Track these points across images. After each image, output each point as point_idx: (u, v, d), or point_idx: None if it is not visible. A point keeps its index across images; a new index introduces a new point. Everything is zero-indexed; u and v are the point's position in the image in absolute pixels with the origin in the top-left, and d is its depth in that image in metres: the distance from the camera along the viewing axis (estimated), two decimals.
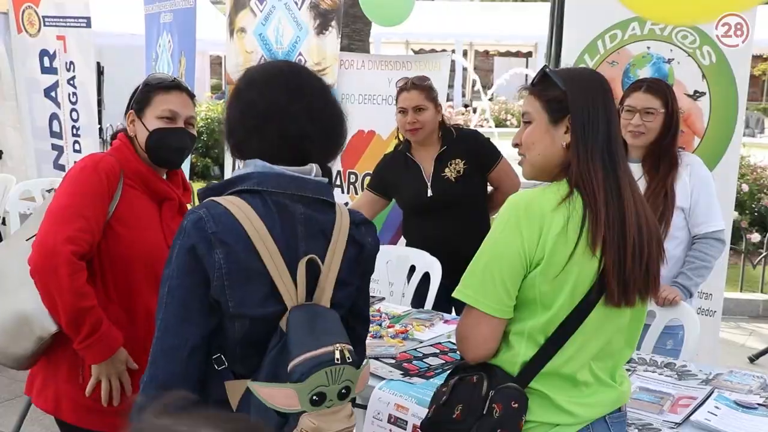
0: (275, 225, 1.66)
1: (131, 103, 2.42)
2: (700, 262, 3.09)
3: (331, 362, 1.58)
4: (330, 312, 1.70)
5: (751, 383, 2.49)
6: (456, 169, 3.49)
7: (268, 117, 1.69)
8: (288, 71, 1.77)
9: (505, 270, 1.72)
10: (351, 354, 1.62)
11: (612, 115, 1.80)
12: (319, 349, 1.59)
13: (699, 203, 3.10)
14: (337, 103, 1.81)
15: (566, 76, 1.81)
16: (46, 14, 6.05)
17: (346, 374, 1.61)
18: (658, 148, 3.09)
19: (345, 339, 1.65)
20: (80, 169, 2.30)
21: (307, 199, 1.70)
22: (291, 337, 1.61)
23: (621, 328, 1.83)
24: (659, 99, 3.06)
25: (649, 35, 3.95)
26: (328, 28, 4.85)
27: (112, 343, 2.25)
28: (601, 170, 1.73)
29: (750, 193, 7.63)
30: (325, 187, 1.76)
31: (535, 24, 14.54)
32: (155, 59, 5.71)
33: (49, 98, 6.19)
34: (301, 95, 1.71)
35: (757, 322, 6.21)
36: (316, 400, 1.58)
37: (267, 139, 1.70)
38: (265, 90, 1.72)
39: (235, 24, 5.27)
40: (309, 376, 1.56)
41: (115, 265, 2.31)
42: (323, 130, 1.74)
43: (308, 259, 1.67)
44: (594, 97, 1.78)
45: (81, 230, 2.18)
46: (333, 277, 1.72)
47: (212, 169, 11.34)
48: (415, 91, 3.49)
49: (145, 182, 2.38)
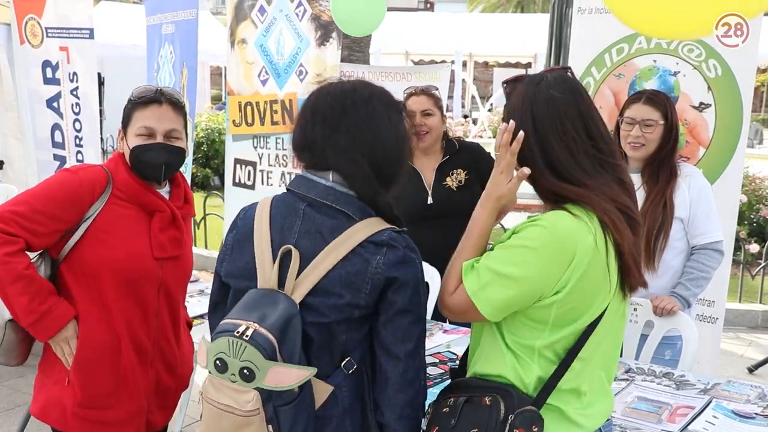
0: (280, 216, 1.82)
1: (122, 121, 2.46)
2: (698, 273, 3.10)
3: (231, 333, 1.66)
4: (285, 303, 1.72)
5: (749, 393, 2.50)
6: (457, 179, 3.52)
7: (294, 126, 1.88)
8: (331, 84, 1.90)
9: (517, 294, 1.70)
10: (258, 336, 1.64)
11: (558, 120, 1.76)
12: (235, 320, 1.69)
13: (698, 214, 3.11)
14: (372, 115, 1.81)
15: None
16: (48, 25, 6.08)
17: (247, 353, 1.64)
18: (657, 158, 3.11)
19: (268, 324, 1.67)
20: (60, 171, 2.42)
21: (312, 200, 1.80)
22: (235, 307, 1.75)
23: (618, 330, 1.85)
24: (659, 111, 3.08)
25: (656, 49, 4.00)
26: (328, 40, 4.88)
27: (58, 320, 2.29)
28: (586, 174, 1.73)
29: (749, 203, 7.64)
30: (337, 194, 1.79)
31: (534, 35, 14.58)
32: (157, 70, 5.74)
33: (51, 109, 6.21)
34: (305, 104, 1.85)
35: (756, 332, 6.22)
36: (218, 366, 1.69)
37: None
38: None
39: (236, 35, 5.30)
40: (216, 339, 1.70)
41: (97, 273, 2.34)
42: (336, 142, 1.79)
43: (286, 249, 1.76)
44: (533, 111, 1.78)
45: (18, 213, 2.24)
46: (316, 277, 1.74)
47: (212, 180, 11.35)
48: (424, 96, 3.57)
49: (134, 194, 2.40)
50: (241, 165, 5.44)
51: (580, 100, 1.78)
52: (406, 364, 1.77)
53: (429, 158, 3.61)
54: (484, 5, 34.46)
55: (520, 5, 32.84)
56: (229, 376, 1.69)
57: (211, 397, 1.73)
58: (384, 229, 1.78)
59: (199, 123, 11.58)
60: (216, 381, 1.72)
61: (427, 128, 3.52)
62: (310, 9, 4.90)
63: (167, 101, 2.41)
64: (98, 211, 2.33)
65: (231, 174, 5.49)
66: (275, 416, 1.70)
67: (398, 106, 1.89)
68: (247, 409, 1.67)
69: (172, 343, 2.54)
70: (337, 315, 1.75)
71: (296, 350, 1.71)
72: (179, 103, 2.46)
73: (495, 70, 27.80)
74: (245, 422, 1.69)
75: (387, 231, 1.78)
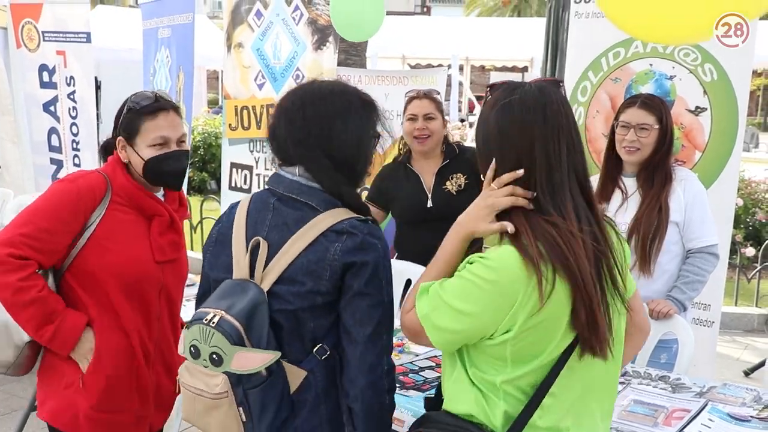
0: (255, 211, 1.93)
1: (118, 127, 2.42)
2: (694, 276, 3.11)
3: (201, 321, 1.76)
4: (254, 291, 1.82)
5: (745, 396, 2.51)
6: (457, 183, 3.53)
7: (270, 126, 1.96)
8: (308, 83, 1.98)
9: (464, 328, 1.63)
10: (224, 322, 1.74)
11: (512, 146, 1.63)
12: (206, 308, 1.80)
13: (693, 218, 3.12)
14: (328, 109, 1.89)
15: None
16: (45, 29, 6.08)
17: (215, 340, 1.74)
18: (652, 162, 3.12)
19: (234, 312, 1.76)
20: (59, 182, 2.40)
21: (281, 194, 1.90)
22: (210, 296, 1.86)
23: (600, 374, 1.69)
24: (653, 115, 3.10)
25: (652, 53, 4.02)
26: (325, 44, 4.89)
27: (72, 332, 2.31)
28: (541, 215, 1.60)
29: (744, 207, 7.66)
30: (302, 187, 1.88)
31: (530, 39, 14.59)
32: (153, 74, 5.75)
33: (48, 113, 6.21)
34: (287, 103, 1.92)
35: (752, 335, 6.23)
36: (192, 352, 1.80)
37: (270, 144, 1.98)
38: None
39: (232, 39, 5.31)
40: (190, 327, 1.80)
41: (102, 278, 2.34)
42: (294, 135, 1.88)
43: (255, 241, 1.87)
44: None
45: (25, 235, 2.25)
46: (282, 266, 1.83)
47: (209, 184, 11.35)
48: (426, 99, 3.58)
49: (133, 199, 2.40)
50: (238, 169, 5.45)
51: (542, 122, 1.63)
52: (365, 347, 1.81)
53: (429, 162, 3.62)
54: (480, 9, 34.53)
55: (516, 9, 32.91)
56: (202, 362, 1.79)
57: (186, 381, 1.85)
58: (346, 218, 1.85)
59: (195, 127, 11.58)
60: (190, 366, 1.84)
61: (429, 132, 3.53)
62: (307, 13, 4.91)
63: (171, 107, 2.44)
64: (99, 217, 2.34)
65: (227, 178, 5.49)
66: (245, 399, 1.79)
67: (367, 106, 1.95)
68: (216, 392, 1.78)
69: (172, 346, 2.55)
70: (301, 302, 1.83)
71: (263, 335, 1.79)
72: (178, 107, 2.49)
73: (492, 74, 27.81)
74: (215, 405, 1.79)
75: (349, 220, 1.85)
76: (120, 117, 2.42)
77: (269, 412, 1.82)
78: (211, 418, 1.82)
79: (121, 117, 2.41)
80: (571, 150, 1.62)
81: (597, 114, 4.20)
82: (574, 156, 1.62)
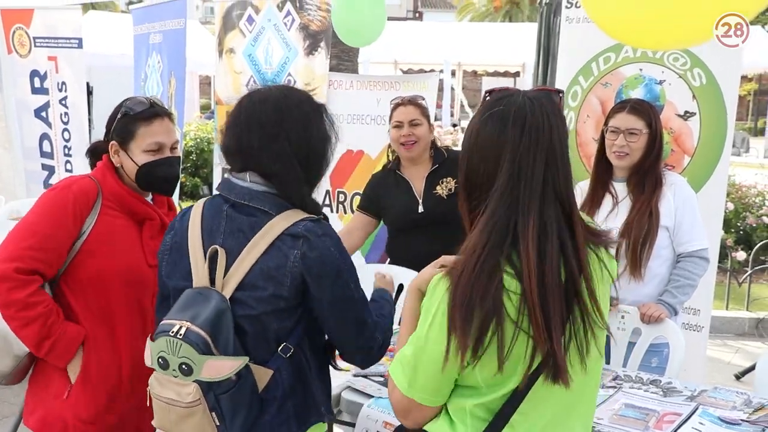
0: (209, 219, 1.97)
1: (111, 132, 2.42)
2: (684, 281, 3.12)
3: (167, 333, 1.81)
4: (216, 299, 1.86)
5: (735, 399, 2.52)
6: (447, 187, 3.53)
7: (225, 132, 2.00)
8: (260, 91, 2.02)
9: (431, 368, 1.56)
10: (191, 333, 1.79)
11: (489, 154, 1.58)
12: (171, 320, 1.84)
13: (683, 222, 3.14)
14: (305, 121, 1.96)
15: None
16: (37, 35, 6.07)
17: (183, 350, 1.79)
18: (642, 167, 3.13)
19: (199, 322, 1.80)
20: (51, 190, 2.37)
21: (234, 201, 1.94)
22: (173, 307, 1.89)
23: (580, 395, 1.64)
24: (643, 120, 3.11)
25: (642, 58, 4.04)
26: (317, 49, 4.90)
27: (70, 345, 2.30)
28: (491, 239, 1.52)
29: (735, 211, 7.70)
30: (254, 193, 1.93)
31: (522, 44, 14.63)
32: (144, 79, 5.74)
33: (40, 118, 6.20)
34: (237, 112, 1.98)
35: (743, 339, 6.25)
36: (161, 363, 1.85)
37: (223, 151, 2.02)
38: (232, 109, 2.03)
39: (224, 44, 5.31)
40: (157, 339, 1.84)
41: (95, 285, 2.34)
42: (271, 145, 1.92)
43: (213, 250, 1.91)
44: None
45: (30, 248, 2.24)
46: (241, 273, 1.88)
47: (201, 189, 11.32)
48: (411, 106, 3.56)
49: (124, 203, 2.40)
50: None
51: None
52: (355, 340, 1.98)
53: (418, 168, 3.62)
54: (472, 14, 34.61)
55: (508, 15, 32.99)
56: (171, 372, 1.84)
57: (157, 392, 1.89)
58: (300, 220, 1.90)
59: (188, 132, 11.56)
60: (160, 377, 1.88)
61: (415, 138, 3.53)
62: (299, 18, 4.91)
63: (166, 114, 2.45)
64: (92, 223, 2.33)
65: None
66: (217, 404, 1.84)
67: (321, 109, 2.03)
68: (188, 401, 1.82)
69: None
70: (264, 306, 1.88)
71: (230, 342, 1.84)
72: (172, 113, 2.51)
73: (484, 79, 27.92)
74: (189, 413, 1.83)
75: (303, 222, 1.90)
76: (114, 121, 2.42)
77: (241, 414, 1.88)
78: (186, 425, 1.86)
79: (114, 121, 2.41)
80: (551, 165, 1.54)
81: (588, 119, 4.21)
82: (554, 172, 1.55)
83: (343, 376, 2.60)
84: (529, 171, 1.53)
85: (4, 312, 2.25)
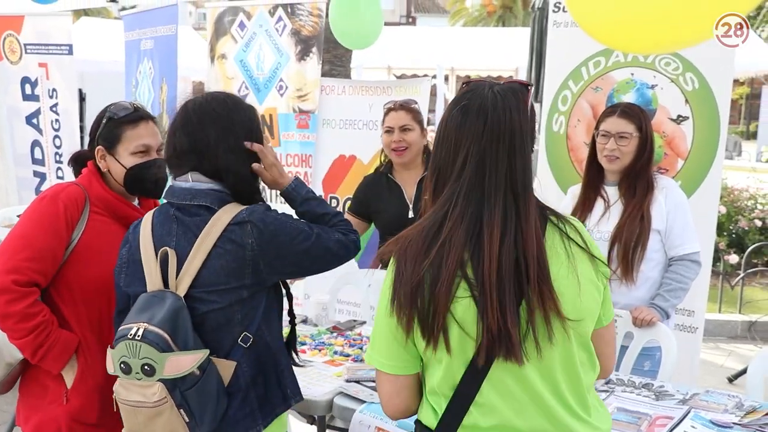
0: (159, 225, 2.03)
1: (96, 137, 2.43)
2: (676, 284, 3.13)
3: (126, 337, 1.86)
4: (171, 299, 1.91)
5: (727, 403, 2.52)
6: None
7: (168, 138, 2.08)
8: (202, 94, 2.12)
9: (383, 326, 1.66)
10: (149, 333, 1.84)
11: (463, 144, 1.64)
12: (128, 324, 1.89)
13: (675, 226, 3.14)
14: (248, 114, 2.09)
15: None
16: (27, 42, 6.06)
17: (144, 351, 1.84)
18: (633, 171, 3.14)
19: (156, 321, 1.86)
20: (40, 200, 2.36)
21: (178, 204, 2.01)
22: (129, 313, 1.95)
23: (552, 363, 1.61)
24: (633, 123, 3.12)
25: (633, 62, 4.04)
26: (309, 54, 4.90)
27: (64, 352, 2.30)
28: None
29: (728, 214, 7.72)
30: (195, 192, 2.00)
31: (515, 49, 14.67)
32: (135, 85, 5.73)
33: (31, 125, 6.18)
34: (185, 114, 2.05)
35: (735, 342, 6.26)
36: (123, 368, 1.89)
37: (167, 156, 2.10)
38: (173, 116, 2.10)
39: (216, 50, 5.31)
40: (117, 345, 1.89)
41: (85, 292, 2.34)
42: (192, 139, 2.01)
43: (163, 252, 1.97)
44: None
45: (27, 259, 2.24)
46: (194, 270, 1.93)
47: None
48: (402, 111, 3.54)
49: (112, 208, 2.40)
50: None
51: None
52: (332, 257, 2.11)
53: (410, 173, 3.61)
54: (465, 19, 34.67)
55: (501, 19, 33.05)
56: (135, 375, 1.88)
57: (123, 397, 1.92)
58: (243, 209, 1.98)
59: None
60: (125, 382, 1.92)
61: (406, 144, 3.51)
62: (290, 24, 4.92)
63: (149, 117, 2.47)
64: (81, 230, 2.33)
65: None
66: (184, 400, 1.88)
67: (254, 108, 2.17)
68: (154, 400, 1.86)
69: None
70: (228, 298, 1.95)
71: (189, 337, 1.89)
72: (154, 117, 2.54)
73: None
74: (156, 412, 1.87)
75: (244, 210, 1.98)
76: (99, 127, 2.43)
77: (209, 408, 1.92)
78: (156, 425, 1.89)
79: (100, 127, 2.42)
80: (511, 157, 1.60)
81: (578, 123, 4.21)
82: (514, 162, 1.60)
83: (336, 382, 2.60)
84: (492, 164, 1.60)
85: (3, 323, 2.25)
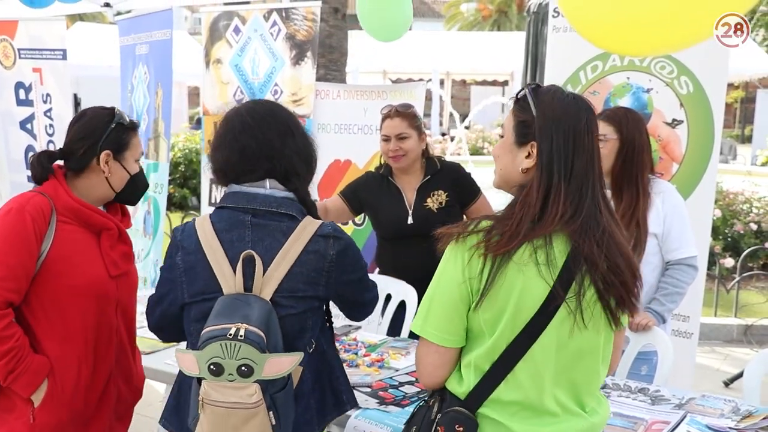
0: (225, 232, 2.00)
1: (101, 141, 2.38)
2: (672, 288, 3.12)
3: (223, 336, 1.80)
4: (259, 302, 1.90)
5: (723, 407, 2.52)
6: (438, 200, 3.51)
7: (226, 145, 2.05)
8: (243, 104, 2.14)
9: (446, 300, 1.76)
10: (250, 333, 1.81)
11: (584, 146, 1.77)
12: (221, 325, 1.83)
13: (672, 230, 3.13)
14: (280, 127, 2.06)
15: (542, 102, 1.79)
16: (21, 47, 6.04)
17: (243, 351, 1.80)
18: (613, 174, 3.11)
19: (254, 323, 1.83)
20: (5, 213, 2.28)
21: (256, 210, 2.00)
22: (210, 316, 1.89)
23: (581, 354, 1.79)
24: (611, 125, 3.10)
25: (629, 66, 4.06)
26: (303, 59, 4.89)
27: (35, 378, 2.26)
28: (569, 202, 1.72)
29: (723, 218, 7.72)
30: (278, 200, 2.02)
31: (510, 53, 14.73)
32: (131, 90, 5.72)
33: (25, 130, 6.16)
34: (240, 119, 2.06)
35: (731, 346, 6.26)
36: (213, 370, 1.83)
37: (228, 163, 2.07)
38: (223, 123, 2.10)
39: (211, 55, 5.30)
40: (206, 346, 1.82)
41: (58, 302, 2.29)
42: (258, 142, 2.02)
43: (247, 254, 1.94)
44: (565, 129, 1.75)
45: (2, 279, 2.18)
46: (280, 275, 1.95)
47: (190, 200, 11.28)
48: (398, 118, 3.51)
49: (80, 216, 2.36)
50: (217, 185, 5.42)
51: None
52: (367, 300, 2.22)
53: (410, 177, 3.59)
54: (461, 24, 34.77)
55: (496, 24, 33.14)
56: (227, 377, 1.83)
57: (216, 399, 1.84)
58: (324, 223, 2.03)
59: (176, 143, 11.53)
60: (215, 384, 1.84)
61: (402, 151, 3.49)
62: (285, 28, 4.91)
63: None
64: (50, 241, 2.27)
65: (207, 194, 5.47)
66: (273, 403, 1.86)
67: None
68: (253, 401, 1.82)
69: (129, 357, 2.55)
70: (304, 305, 1.99)
71: (279, 341, 1.89)
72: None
73: (472, 88, 28.00)
74: (252, 414, 1.83)
75: (327, 224, 2.03)
76: (105, 132, 2.38)
77: (291, 411, 1.93)
78: (248, 428, 1.85)
79: (107, 131, 2.38)
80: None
81: None
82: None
83: None
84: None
85: None
